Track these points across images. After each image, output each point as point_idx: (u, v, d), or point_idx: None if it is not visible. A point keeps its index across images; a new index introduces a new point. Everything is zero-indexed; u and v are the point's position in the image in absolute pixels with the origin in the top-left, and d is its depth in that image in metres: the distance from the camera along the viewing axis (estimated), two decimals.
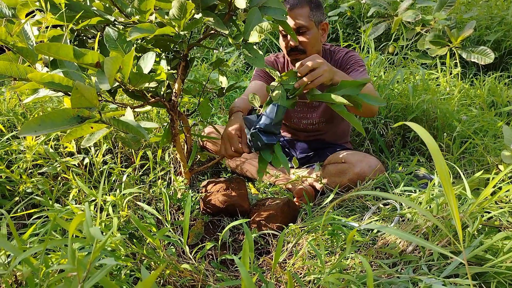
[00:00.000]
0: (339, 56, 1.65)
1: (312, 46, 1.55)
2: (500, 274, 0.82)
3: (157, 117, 1.80)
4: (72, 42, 1.14)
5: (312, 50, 1.56)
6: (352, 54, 1.64)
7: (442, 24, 2.99)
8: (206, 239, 1.27)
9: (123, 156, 1.56)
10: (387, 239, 1.04)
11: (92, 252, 0.54)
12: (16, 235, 0.72)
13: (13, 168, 1.26)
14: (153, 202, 1.34)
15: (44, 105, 1.63)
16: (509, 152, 1.25)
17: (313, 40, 1.53)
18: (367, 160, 1.54)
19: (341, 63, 1.63)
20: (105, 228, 0.97)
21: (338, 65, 1.64)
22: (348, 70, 1.59)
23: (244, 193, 1.37)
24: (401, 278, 0.85)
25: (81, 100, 0.75)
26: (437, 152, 0.48)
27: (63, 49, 0.79)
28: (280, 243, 0.83)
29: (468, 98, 2.37)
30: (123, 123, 0.84)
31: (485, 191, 0.88)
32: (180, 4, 0.93)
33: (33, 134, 0.76)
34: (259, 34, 0.99)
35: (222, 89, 1.40)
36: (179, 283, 0.94)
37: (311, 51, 1.56)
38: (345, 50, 1.67)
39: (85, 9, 1.02)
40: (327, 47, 1.70)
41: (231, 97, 2.62)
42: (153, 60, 0.96)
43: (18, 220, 1.20)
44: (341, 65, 1.63)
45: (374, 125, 2.06)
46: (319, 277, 0.90)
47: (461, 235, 0.55)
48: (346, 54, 1.64)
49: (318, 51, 1.62)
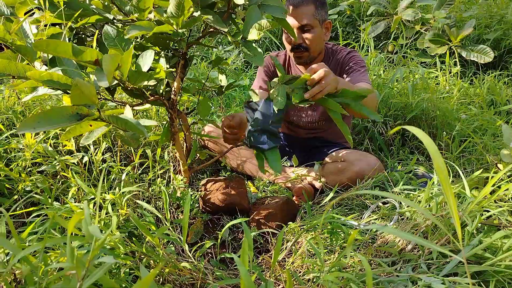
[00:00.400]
0: (341, 55, 1.65)
1: (315, 44, 1.55)
2: (499, 272, 0.82)
3: (156, 116, 1.80)
4: (71, 40, 1.14)
5: (315, 48, 1.56)
6: (353, 54, 1.64)
7: (441, 23, 2.99)
8: (206, 237, 1.27)
9: (122, 154, 1.56)
10: (386, 237, 1.04)
11: (91, 250, 0.54)
12: (15, 233, 0.72)
13: (12, 166, 1.25)
14: (153, 201, 1.34)
15: (43, 103, 1.63)
16: (508, 150, 1.25)
17: (317, 39, 1.53)
18: (367, 158, 1.54)
19: (343, 63, 1.63)
20: (104, 226, 0.97)
21: (340, 65, 1.64)
22: (349, 70, 1.58)
23: (244, 191, 1.37)
24: (400, 276, 0.85)
25: (81, 97, 0.75)
26: (436, 153, 0.48)
27: (61, 47, 0.79)
28: (279, 242, 0.83)
29: (467, 97, 2.37)
30: (122, 120, 0.84)
31: (484, 189, 0.88)
32: (178, 2, 0.92)
33: (31, 131, 0.75)
34: (258, 32, 0.99)
35: (221, 87, 1.40)
36: (179, 282, 0.94)
37: (315, 49, 1.56)
38: (347, 49, 1.67)
39: (83, 7, 1.02)
40: (329, 46, 1.69)
41: (230, 95, 2.62)
42: (152, 58, 0.96)
43: (17, 219, 1.20)
44: (343, 65, 1.63)
45: (374, 124, 2.06)
46: (318, 275, 0.90)
47: (460, 234, 0.55)
48: (348, 54, 1.64)
49: (321, 50, 1.62)
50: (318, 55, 1.62)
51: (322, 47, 1.61)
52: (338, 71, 1.64)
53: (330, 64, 1.66)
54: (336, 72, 1.64)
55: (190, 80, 1.44)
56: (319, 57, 1.64)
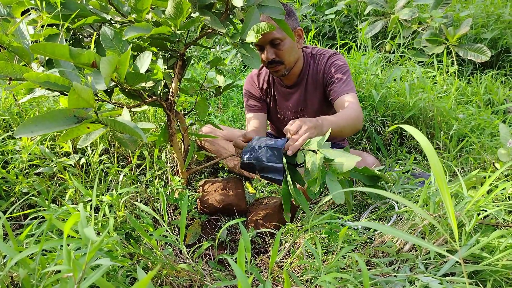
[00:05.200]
0: (322, 62, 1.62)
1: (288, 56, 1.52)
2: (496, 272, 0.82)
3: (153, 117, 1.80)
4: (68, 41, 1.13)
5: (289, 60, 1.53)
6: (334, 59, 1.60)
7: (438, 22, 3.00)
8: (203, 238, 1.27)
9: (119, 155, 1.55)
10: (384, 237, 1.05)
11: (88, 252, 0.54)
12: (12, 235, 0.72)
13: (9, 168, 1.25)
14: (150, 202, 1.33)
15: (40, 105, 1.62)
16: (506, 150, 1.25)
17: (289, 50, 1.51)
18: (364, 158, 1.54)
19: (324, 71, 1.61)
20: (101, 228, 0.96)
21: (321, 73, 1.62)
22: (331, 81, 1.57)
23: (241, 192, 1.37)
24: (398, 276, 0.85)
25: (78, 101, 0.75)
26: (432, 152, 0.48)
27: (59, 49, 0.79)
28: (277, 242, 0.83)
29: (465, 96, 2.38)
30: (120, 124, 0.83)
31: (481, 189, 0.88)
32: (176, 3, 0.92)
33: (29, 135, 0.75)
34: (256, 35, 0.99)
35: (219, 88, 1.40)
36: (177, 283, 0.94)
37: (289, 60, 1.53)
38: (328, 53, 1.63)
39: (81, 8, 1.02)
40: (308, 51, 1.67)
41: (228, 96, 2.62)
42: (150, 59, 0.96)
43: (14, 221, 1.19)
44: (324, 73, 1.61)
45: (372, 123, 2.06)
46: (316, 276, 0.90)
47: (456, 235, 0.56)
48: (329, 60, 1.61)
49: (297, 59, 1.59)
50: (295, 64, 1.59)
51: (297, 56, 1.58)
52: (320, 78, 1.63)
53: (310, 71, 1.64)
54: (317, 79, 1.63)
55: (188, 80, 1.44)
56: (297, 65, 1.61)
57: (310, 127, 1.13)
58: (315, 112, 1.70)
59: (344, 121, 1.31)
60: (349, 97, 1.48)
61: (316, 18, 3.78)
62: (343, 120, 1.31)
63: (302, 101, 1.69)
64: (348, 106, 1.43)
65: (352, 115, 1.36)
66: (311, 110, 1.70)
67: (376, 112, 2.08)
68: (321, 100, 1.67)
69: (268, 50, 1.49)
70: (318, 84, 1.64)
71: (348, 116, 1.34)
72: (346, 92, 1.50)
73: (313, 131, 1.13)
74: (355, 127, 1.37)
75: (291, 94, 1.71)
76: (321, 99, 1.67)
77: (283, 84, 1.70)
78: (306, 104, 1.70)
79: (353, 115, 1.37)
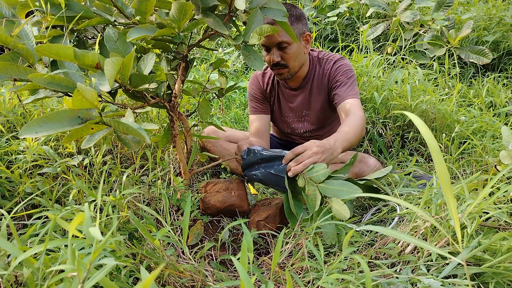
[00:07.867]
0: (328, 67, 1.62)
1: (294, 60, 1.52)
2: (498, 274, 0.82)
3: (157, 118, 1.80)
4: (72, 42, 1.14)
5: (294, 64, 1.53)
6: (340, 64, 1.60)
7: (440, 25, 3.00)
8: (206, 239, 1.27)
9: (123, 156, 1.56)
10: (386, 239, 1.05)
11: (92, 252, 0.55)
12: (16, 235, 0.72)
13: (13, 169, 1.26)
14: (153, 203, 1.34)
15: (43, 105, 1.63)
16: (508, 152, 1.25)
17: (295, 55, 1.51)
18: (366, 160, 1.55)
19: (330, 75, 1.61)
20: (105, 228, 0.97)
21: (327, 77, 1.62)
22: (336, 85, 1.57)
23: (244, 193, 1.37)
24: (399, 278, 0.85)
25: (82, 102, 0.75)
26: (436, 149, 0.48)
27: (63, 51, 0.79)
28: (279, 244, 0.83)
29: (466, 98, 2.38)
30: (123, 125, 0.84)
31: (483, 191, 0.88)
32: (180, 5, 0.93)
33: (34, 135, 0.76)
34: (259, 37, 0.99)
35: (221, 89, 1.40)
36: (179, 284, 0.94)
37: (293, 65, 1.53)
38: (334, 58, 1.63)
39: (85, 9, 1.03)
40: (315, 55, 1.67)
41: (230, 97, 2.63)
42: (153, 61, 0.96)
43: (18, 221, 1.20)
44: (330, 78, 1.61)
45: (373, 125, 2.07)
46: (318, 277, 0.90)
47: (459, 236, 0.56)
48: (335, 65, 1.61)
49: (302, 63, 1.58)
50: (300, 68, 1.59)
51: (302, 61, 1.58)
52: (325, 83, 1.63)
53: (315, 75, 1.65)
54: (322, 83, 1.64)
55: (191, 82, 1.44)
56: (302, 69, 1.61)
57: (316, 152, 1.13)
58: (318, 115, 1.71)
59: (353, 135, 1.32)
60: (352, 101, 1.48)
61: (318, 20, 3.79)
62: (352, 134, 1.31)
63: (306, 103, 1.70)
64: (353, 112, 1.44)
65: (358, 124, 1.37)
66: (314, 113, 1.71)
67: (378, 114, 2.08)
68: (325, 103, 1.67)
69: (275, 52, 1.49)
70: (323, 88, 1.64)
71: (356, 126, 1.35)
72: (350, 96, 1.50)
73: (320, 156, 1.13)
74: (361, 135, 1.38)
75: (295, 97, 1.71)
76: (325, 103, 1.67)
77: (288, 86, 1.71)
78: (310, 107, 1.70)
79: (359, 124, 1.37)
